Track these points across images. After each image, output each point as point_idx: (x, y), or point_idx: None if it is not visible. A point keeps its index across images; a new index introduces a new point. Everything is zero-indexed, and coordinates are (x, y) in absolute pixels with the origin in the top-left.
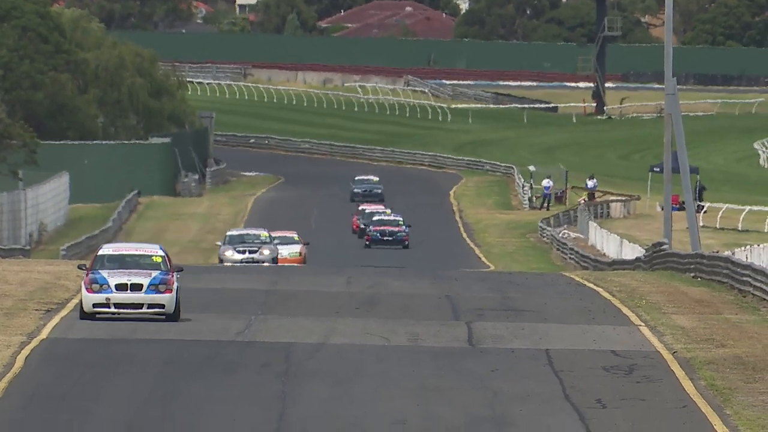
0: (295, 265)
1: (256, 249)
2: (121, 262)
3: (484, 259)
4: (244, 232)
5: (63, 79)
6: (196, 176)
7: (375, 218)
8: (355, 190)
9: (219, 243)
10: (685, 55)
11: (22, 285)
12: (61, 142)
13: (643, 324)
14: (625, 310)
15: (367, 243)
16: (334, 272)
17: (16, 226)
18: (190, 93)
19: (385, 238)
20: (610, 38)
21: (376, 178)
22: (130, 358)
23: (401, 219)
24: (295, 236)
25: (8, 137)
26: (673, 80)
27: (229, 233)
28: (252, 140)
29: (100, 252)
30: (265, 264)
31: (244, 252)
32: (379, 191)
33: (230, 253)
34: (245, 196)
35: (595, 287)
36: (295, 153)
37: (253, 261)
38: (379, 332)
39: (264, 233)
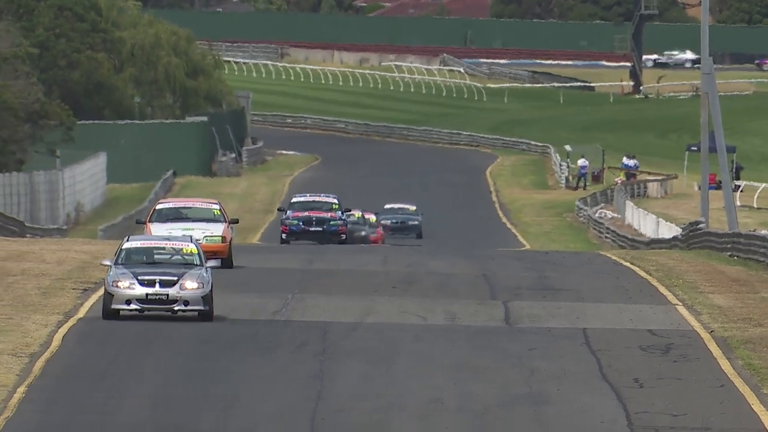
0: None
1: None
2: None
3: (520, 238)
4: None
5: (99, 58)
6: (233, 156)
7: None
8: (384, 222)
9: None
10: (721, 34)
11: (59, 264)
12: (98, 121)
13: (680, 303)
14: (662, 290)
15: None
16: (371, 251)
17: (53, 206)
18: (226, 72)
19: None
20: (646, 17)
21: (412, 207)
22: (167, 336)
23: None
24: (216, 209)
25: (45, 116)
26: (710, 59)
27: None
28: (289, 120)
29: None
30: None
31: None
32: (416, 223)
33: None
34: (282, 176)
35: (631, 266)
36: (332, 132)
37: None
38: (416, 311)
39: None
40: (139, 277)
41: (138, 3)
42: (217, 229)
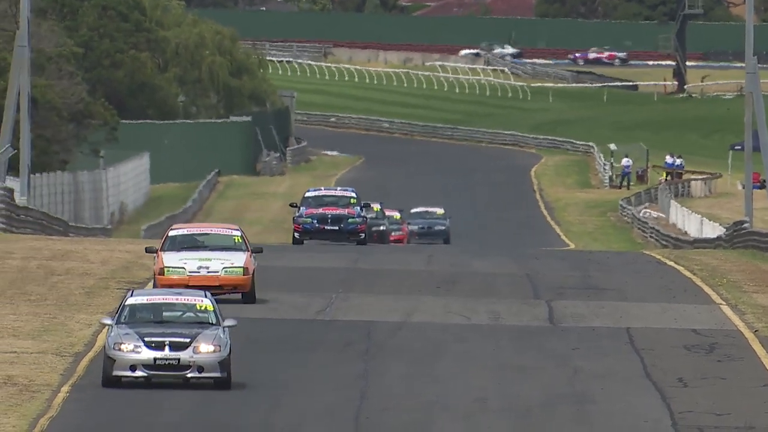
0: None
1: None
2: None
3: (564, 237)
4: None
5: (143, 57)
6: (277, 155)
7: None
8: (411, 228)
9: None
10: (766, 34)
11: (103, 264)
12: (142, 121)
13: (724, 303)
14: (706, 289)
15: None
16: (415, 250)
17: (97, 205)
18: (270, 72)
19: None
20: (691, 16)
21: (440, 211)
22: None
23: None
24: (237, 236)
25: (89, 116)
26: (754, 59)
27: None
28: (332, 119)
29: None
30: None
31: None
32: (443, 228)
33: None
34: (327, 176)
35: (675, 266)
36: (375, 132)
37: None
38: (460, 311)
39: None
40: (145, 339)
41: (182, 2)
42: (238, 260)
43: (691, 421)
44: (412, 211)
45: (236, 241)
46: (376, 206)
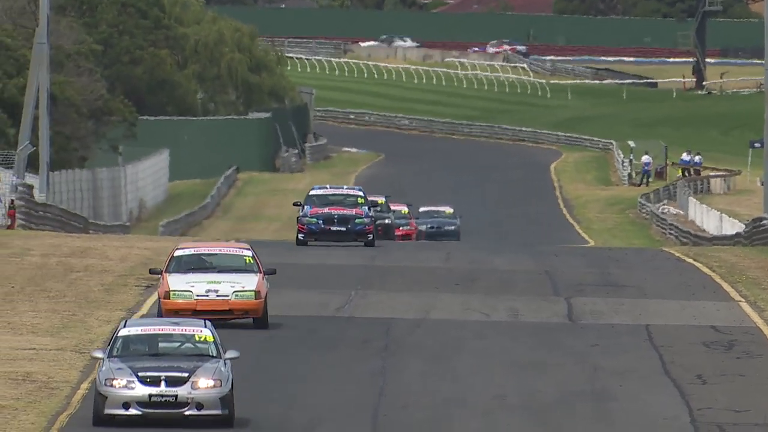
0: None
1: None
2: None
3: (583, 234)
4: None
5: (162, 54)
6: (296, 152)
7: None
8: (420, 227)
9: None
10: None
11: (122, 261)
12: (161, 118)
13: (743, 299)
14: (725, 286)
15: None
16: (433, 247)
17: (116, 202)
18: (289, 68)
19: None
20: (710, 13)
21: (449, 210)
22: (231, 333)
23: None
24: (248, 256)
25: (108, 113)
26: None
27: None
28: (351, 116)
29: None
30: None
31: None
32: (453, 228)
33: None
34: (346, 173)
35: (694, 263)
36: (395, 129)
37: None
38: (479, 308)
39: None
40: (139, 374)
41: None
42: (250, 282)
43: (710, 418)
44: (421, 210)
45: (247, 261)
46: (381, 199)
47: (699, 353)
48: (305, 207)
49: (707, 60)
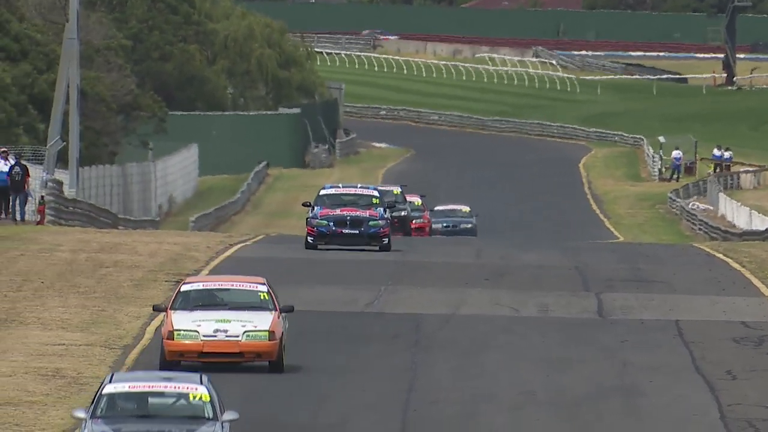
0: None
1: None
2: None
3: (613, 230)
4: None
5: (192, 50)
6: (326, 147)
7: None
8: (434, 225)
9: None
10: None
11: (151, 256)
12: (190, 113)
13: None
14: (756, 281)
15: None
16: (463, 243)
17: (146, 197)
18: (319, 64)
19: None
20: (740, 8)
21: (466, 208)
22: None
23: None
24: (263, 292)
25: (138, 108)
26: None
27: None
28: (382, 111)
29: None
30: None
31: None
32: (470, 226)
33: None
34: (376, 168)
35: (725, 258)
36: (424, 124)
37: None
38: (509, 303)
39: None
40: None
41: None
42: (263, 321)
43: (739, 414)
44: (436, 208)
45: (262, 297)
46: (397, 189)
47: (729, 349)
48: (315, 208)
49: (737, 55)
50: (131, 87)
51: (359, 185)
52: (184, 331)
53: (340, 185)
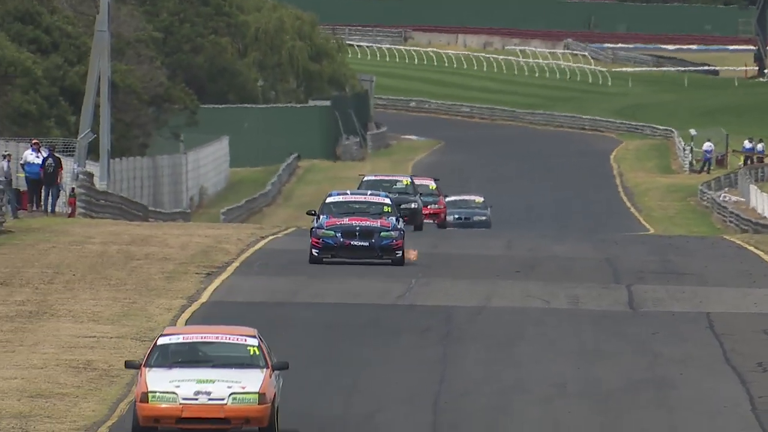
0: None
1: None
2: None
3: (644, 222)
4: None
5: (223, 42)
6: (357, 139)
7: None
8: (448, 218)
9: None
10: None
11: (182, 248)
12: (221, 105)
13: None
14: None
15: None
16: (494, 235)
17: (177, 189)
18: (350, 56)
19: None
20: None
21: (479, 199)
22: (291, 321)
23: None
24: (253, 346)
25: (169, 100)
26: None
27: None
28: (412, 104)
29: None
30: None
31: None
32: (484, 218)
33: None
34: (406, 160)
35: (756, 250)
36: (455, 116)
37: None
38: (540, 295)
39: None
40: None
41: None
42: (253, 381)
43: None
44: (448, 199)
45: (252, 353)
46: (406, 180)
47: (760, 341)
48: (321, 217)
49: None
50: (162, 79)
51: (369, 192)
52: (161, 393)
53: (348, 192)
